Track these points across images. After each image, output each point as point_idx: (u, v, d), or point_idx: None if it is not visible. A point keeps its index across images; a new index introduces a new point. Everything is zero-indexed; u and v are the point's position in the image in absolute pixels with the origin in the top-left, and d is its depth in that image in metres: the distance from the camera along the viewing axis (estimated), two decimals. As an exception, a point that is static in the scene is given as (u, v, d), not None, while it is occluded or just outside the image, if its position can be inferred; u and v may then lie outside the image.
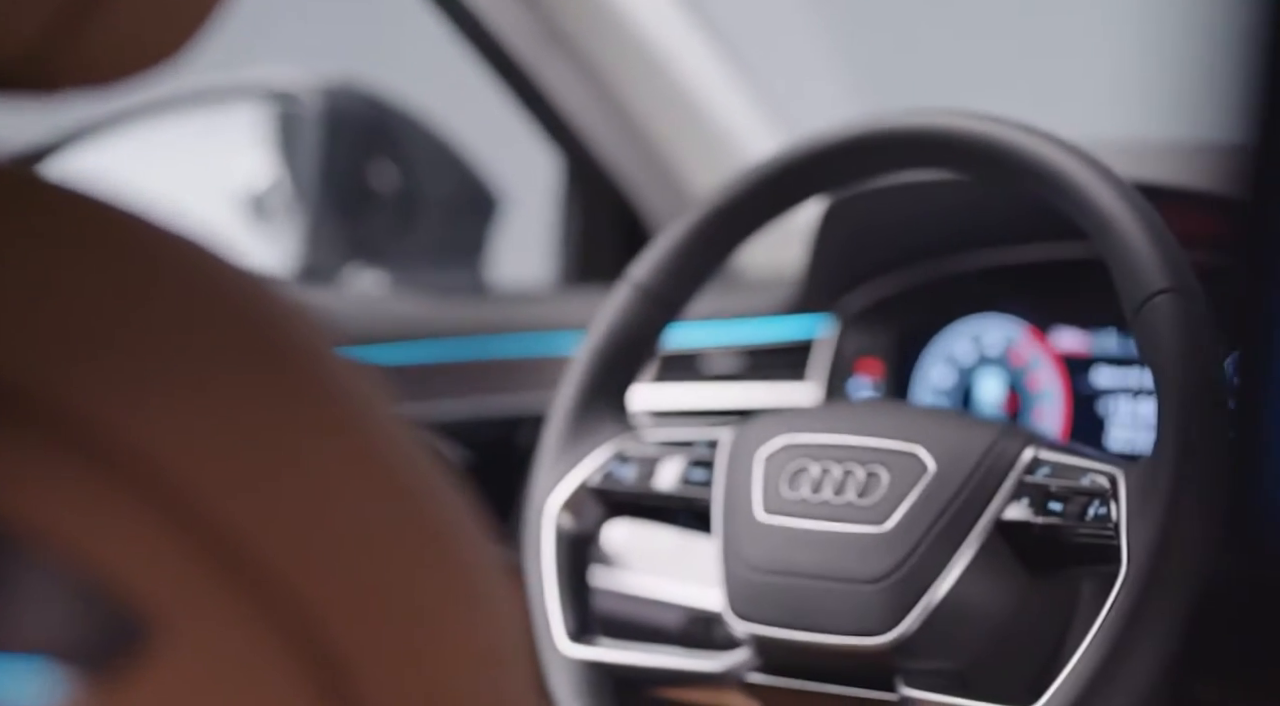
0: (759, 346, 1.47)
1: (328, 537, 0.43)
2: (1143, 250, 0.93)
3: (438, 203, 1.80)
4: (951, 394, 1.38)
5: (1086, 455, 0.96)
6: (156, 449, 0.41)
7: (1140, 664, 0.87)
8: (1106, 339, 1.30)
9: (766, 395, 1.46)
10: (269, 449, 0.43)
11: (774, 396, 1.45)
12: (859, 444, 1.03)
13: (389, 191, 1.78)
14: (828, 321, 1.42)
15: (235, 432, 0.43)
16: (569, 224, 1.78)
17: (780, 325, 1.46)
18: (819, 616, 1.00)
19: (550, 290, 1.81)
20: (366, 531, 0.44)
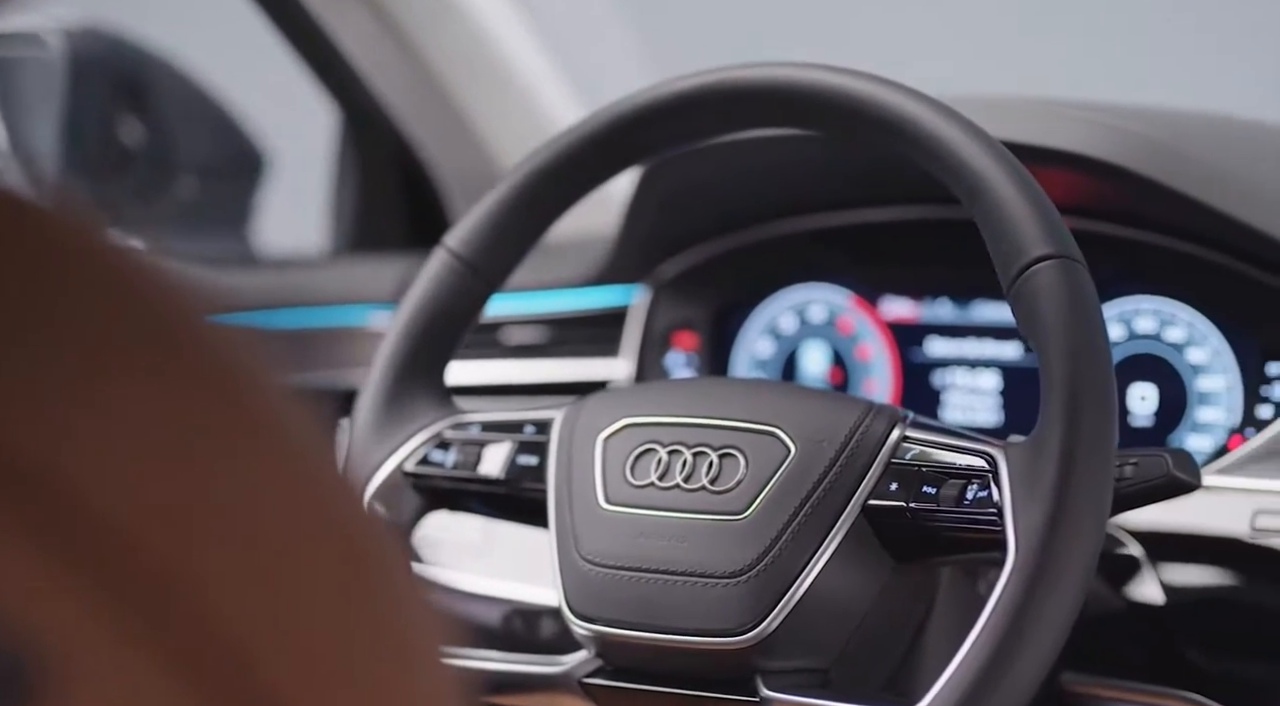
0: (564, 317, 1.40)
1: (255, 570, 0.39)
2: (1020, 215, 0.89)
3: (196, 162, 1.68)
4: (772, 366, 1.34)
5: (961, 434, 0.92)
6: (56, 470, 0.33)
7: (1031, 656, 0.83)
8: (939, 307, 1.27)
9: (573, 371, 1.39)
10: (183, 468, 0.37)
11: (582, 372, 1.39)
12: (711, 424, 0.97)
13: (140, 148, 1.65)
14: (640, 291, 1.36)
15: (148, 453, 0.36)
16: (347, 187, 1.67)
17: (588, 295, 1.39)
18: (670, 615, 0.94)
19: (327, 259, 1.71)
20: (296, 562, 0.40)
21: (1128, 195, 1.11)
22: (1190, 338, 1.16)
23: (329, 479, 0.43)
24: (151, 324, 0.39)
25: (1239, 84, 2.12)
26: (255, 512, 0.39)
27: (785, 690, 0.92)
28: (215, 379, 0.39)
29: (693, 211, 1.32)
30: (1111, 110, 1.15)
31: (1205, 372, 1.16)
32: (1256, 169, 1.12)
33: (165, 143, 1.67)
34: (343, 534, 0.43)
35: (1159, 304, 1.17)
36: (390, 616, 0.43)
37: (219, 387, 0.38)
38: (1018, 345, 1.23)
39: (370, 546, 0.44)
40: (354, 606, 0.41)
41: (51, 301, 0.38)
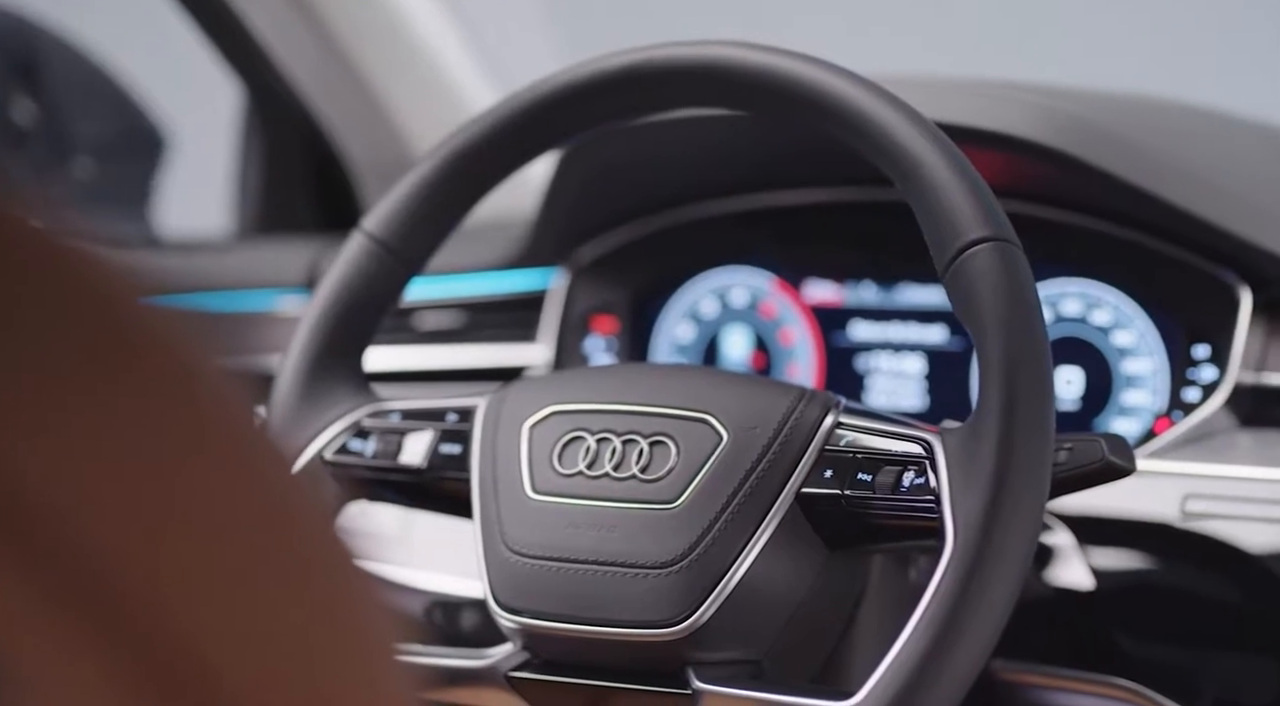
0: (480, 302, 1.39)
1: (209, 573, 0.38)
2: (956, 197, 0.88)
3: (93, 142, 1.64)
4: (693, 351, 1.33)
5: (896, 420, 0.91)
6: (19, 484, 0.32)
7: (970, 645, 0.82)
8: (863, 291, 1.26)
9: (490, 356, 1.38)
10: (148, 479, 0.35)
11: (498, 358, 1.37)
12: (641, 411, 0.95)
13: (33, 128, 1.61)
14: (558, 275, 1.34)
15: (99, 455, 0.34)
16: (252, 168, 1.64)
17: (504, 279, 1.37)
18: (600, 606, 0.93)
19: (232, 242, 1.67)
20: (250, 564, 0.39)
21: (1056, 176, 1.11)
22: (1117, 320, 1.17)
23: (281, 477, 0.42)
24: (92, 315, 0.37)
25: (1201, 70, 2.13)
26: (208, 514, 0.38)
27: (717, 682, 0.91)
28: (161, 374, 0.37)
29: (613, 193, 1.30)
30: (1042, 91, 1.15)
31: (1131, 355, 1.16)
32: (1188, 151, 1.13)
33: (60, 122, 1.63)
34: (296, 533, 0.42)
35: (1085, 286, 1.17)
36: (345, 615, 0.42)
37: (165, 383, 0.37)
38: (943, 328, 1.23)
39: (323, 544, 0.43)
40: (309, 606, 0.40)
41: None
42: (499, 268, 1.37)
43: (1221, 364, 1.10)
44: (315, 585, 0.41)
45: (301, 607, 0.40)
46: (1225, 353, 1.10)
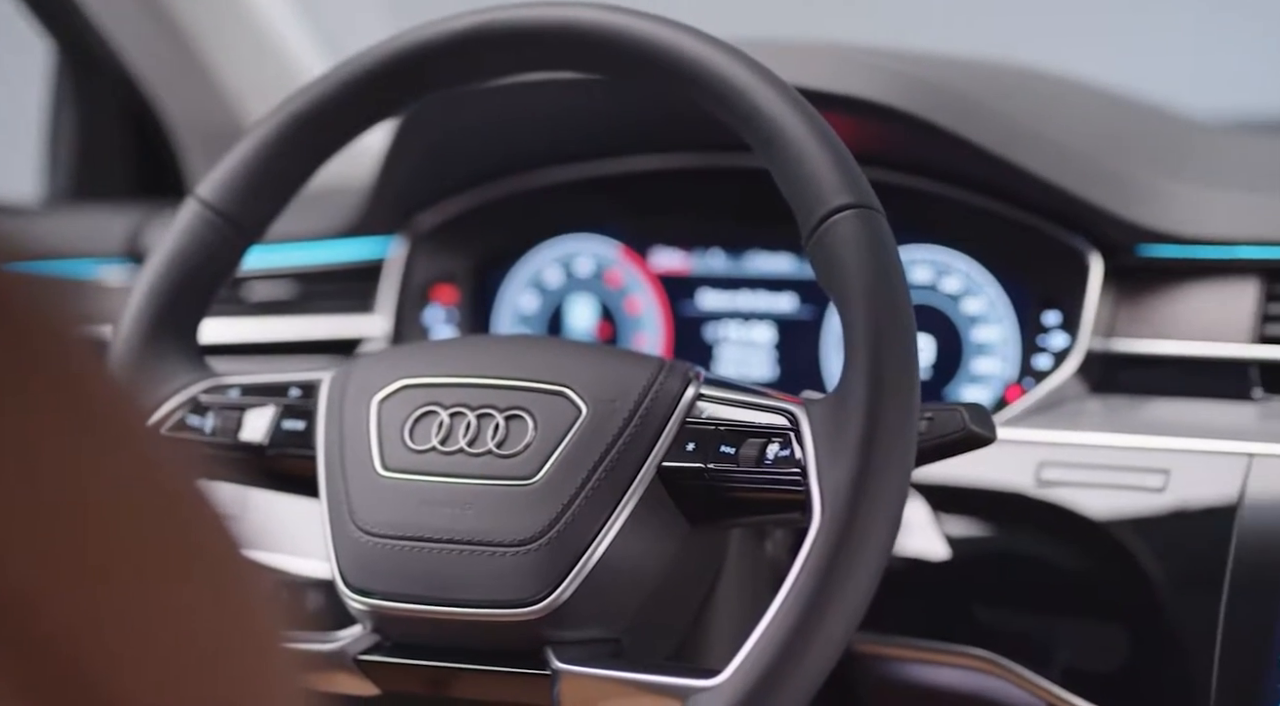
0: (314, 271, 1.35)
1: (93, 575, 0.36)
2: (819, 163, 0.87)
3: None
4: (536, 321, 1.31)
5: (758, 391, 0.91)
6: None
7: (840, 618, 0.82)
8: (711, 259, 1.26)
9: (326, 328, 1.34)
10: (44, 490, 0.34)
11: (335, 329, 1.34)
12: (497, 384, 0.93)
13: None
14: (396, 243, 1.32)
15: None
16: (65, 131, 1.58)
17: (340, 248, 1.34)
18: (455, 586, 0.91)
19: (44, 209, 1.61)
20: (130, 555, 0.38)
21: (908, 141, 1.12)
22: (967, 288, 1.17)
23: (162, 465, 0.40)
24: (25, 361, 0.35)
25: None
26: (85, 507, 0.36)
27: (577, 661, 0.90)
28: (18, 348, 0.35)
29: (453, 159, 1.28)
30: (894, 55, 1.15)
31: (982, 323, 1.17)
32: (1039, 116, 1.14)
33: None
34: (178, 522, 0.40)
35: (935, 253, 1.18)
36: (231, 602, 0.41)
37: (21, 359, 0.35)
38: (792, 297, 1.23)
39: (207, 533, 0.41)
40: (193, 595, 0.39)
41: None
42: (334, 236, 1.33)
43: (1072, 331, 1.12)
44: (200, 573, 0.40)
45: (186, 594, 0.39)
46: (1076, 319, 1.11)
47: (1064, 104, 1.20)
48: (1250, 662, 0.95)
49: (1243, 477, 0.99)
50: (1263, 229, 1.08)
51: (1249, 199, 1.09)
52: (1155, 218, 1.09)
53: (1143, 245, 1.10)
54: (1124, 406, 1.09)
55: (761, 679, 0.82)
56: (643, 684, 0.87)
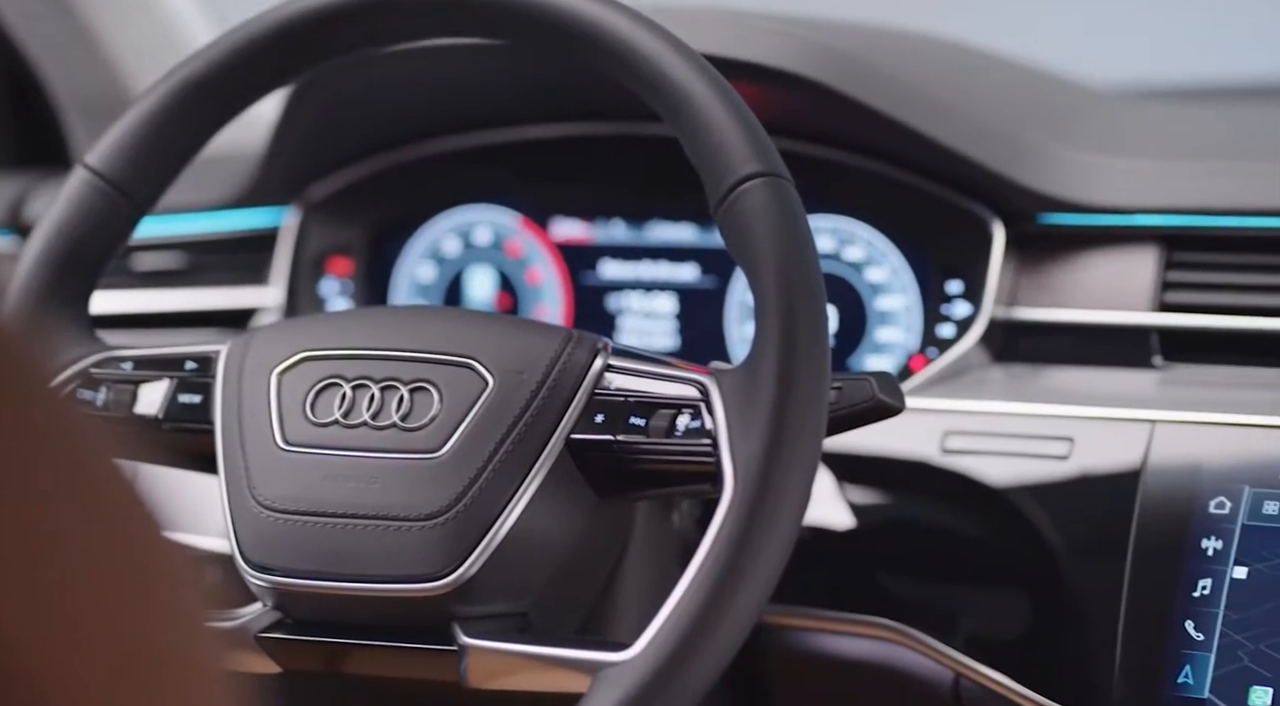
0: (204, 241, 1.33)
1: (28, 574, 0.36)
2: (727, 131, 0.87)
3: None
4: (434, 292, 1.30)
5: (667, 362, 0.90)
6: None
7: (752, 590, 0.82)
8: (612, 229, 1.25)
9: (217, 300, 1.32)
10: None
11: (226, 301, 1.32)
12: (401, 356, 0.92)
13: None
14: (289, 213, 1.30)
15: None
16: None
17: (231, 218, 1.32)
18: (359, 562, 0.90)
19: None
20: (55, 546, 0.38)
21: (810, 108, 1.12)
22: (869, 257, 1.18)
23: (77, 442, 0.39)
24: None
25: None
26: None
27: (485, 636, 0.89)
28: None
29: (347, 127, 1.26)
30: (796, 22, 1.15)
31: (885, 292, 1.18)
32: (941, 84, 1.14)
33: None
34: (96, 502, 0.39)
35: (837, 222, 1.18)
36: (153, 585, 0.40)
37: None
38: (694, 267, 1.23)
39: (125, 513, 0.41)
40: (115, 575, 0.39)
41: None
42: (224, 205, 1.31)
43: (975, 299, 1.12)
44: (120, 552, 0.39)
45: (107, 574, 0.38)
46: (979, 288, 1.12)
47: (966, 72, 1.21)
48: (1154, 628, 0.96)
49: (1145, 444, 1.00)
50: (1162, 196, 1.09)
51: (1148, 166, 1.11)
52: (1056, 185, 1.10)
53: (1044, 213, 1.11)
54: (1027, 375, 1.10)
55: (673, 652, 0.82)
56: (552, 658, 0.87)
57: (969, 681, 1.04)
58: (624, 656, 0.83)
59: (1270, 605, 0.94)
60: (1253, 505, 0.96)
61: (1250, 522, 0.96)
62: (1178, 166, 1.10)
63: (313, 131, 1.25)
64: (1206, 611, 0.95)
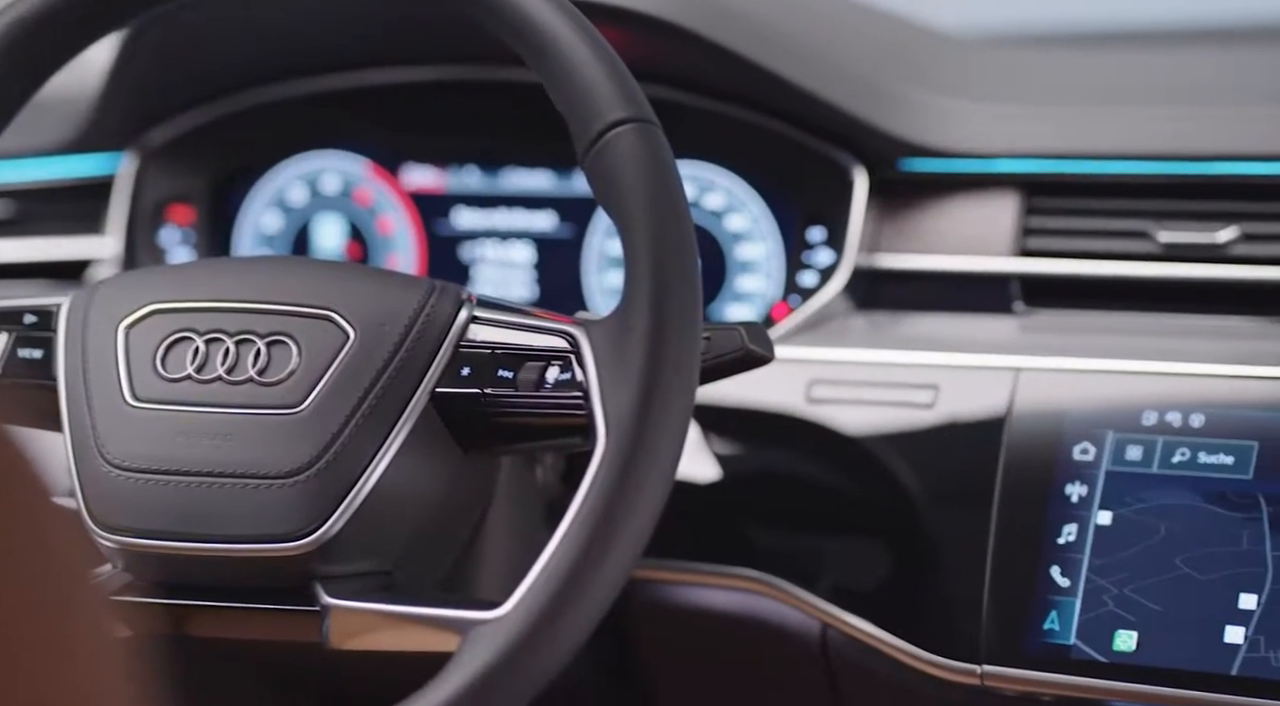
0: (35, 189, 1.28)
1: None
2: (594, 77, 0.85)
3: None
4: (280, 241, 1.27)
5: (535, 313, 0.89)
6: None
7: (628, 543, 0.81)
8: (466, 176, 1.23)
9: (49, 250, 1.28)
10: None
11: (60, 251, 1.28)
12: (256, 308, 0.90)
13: None
14: (125, 160, 1.26)
15: None
16: None
17: (63, 164, 1.28)
18: (216, 522, 0.87)
19: None
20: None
21: (673, 53, 1.11)
22: (730, 204, 1.17)
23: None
24: None
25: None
26: None
27: (348, 596, 0.88)
28: None
29: (187, 69, 1.23)
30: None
31: (745, 240, 1.17)
32: (803, 28, 1.14)
33: None
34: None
35: (697, 169, 1.18)
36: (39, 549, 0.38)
37: None
38: (551, 215, 1.22)
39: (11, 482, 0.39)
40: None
41: None
42: (57, 151, 1.27)
43: (837, 247, 1.13)
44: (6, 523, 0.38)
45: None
46: (841, 235, 1.12)
47: (827, 18, 1.21)
48: (1020, 575, 0.97)
49: (1010, 391, 1.01)
50: (1021, 141, 1.10)
51: (1007, 111, 1.12)
52: (917, 131, 1.11)
53: (905, 159, 1.11)
54: (890, 322, 1.11)
55: (546, 608, 0.81)
56: (420, 617, 0.86)
57: (836, 631, 1.05)
58: (496, 614, 0.82)
59: (1134, 549, 0.96)
60: (1116, 450, 0.98)
61: (1114, 468, 0.97)
62: (1037, 111, 1.11)
63: (150, 74, 1.22)
64: (1072, 557, 0.97)
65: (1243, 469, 0.95)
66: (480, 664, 0.81)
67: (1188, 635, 0.93)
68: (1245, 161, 1.05)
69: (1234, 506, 0.95)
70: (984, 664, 0.98)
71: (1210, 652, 0.93)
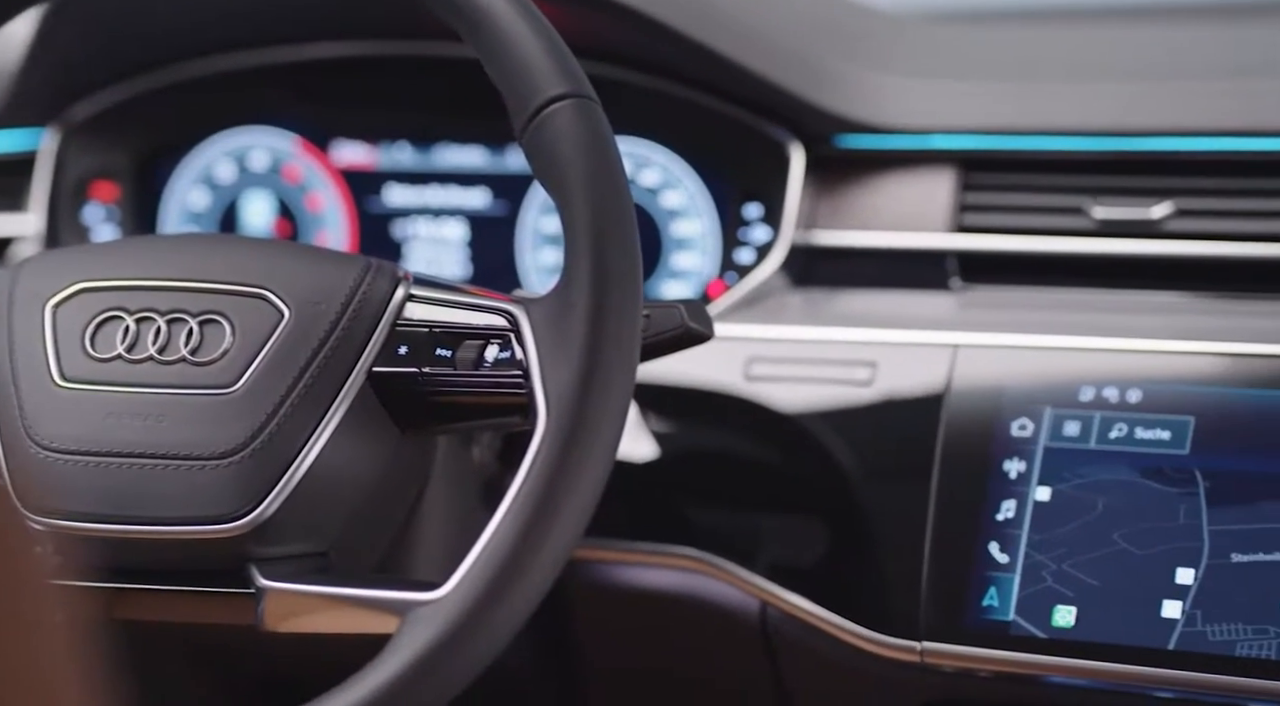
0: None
1: None
2: (532, 52, 0.85)
3: None
4: (207, 219, 1.26)
5: (472, 292, 0.88)
6: None
7: (569, 522, 0.81)
8: (398, 153, 1.22)
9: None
10: None
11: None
12: (188, 287, 0.89)
13: None
14: (47, 135, 1.24)
15: None
16: None
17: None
18: (148, 504, 0.86)
19: None
20: None
21: (608, 28, 1.10)
22: (666, 181, 1.17)
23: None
24: None
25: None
26: None
27: (283, 578, 0.87)
28: None
29: (111, 43, 1.21)
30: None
31: (681, 217, 1.17)
32: (743, 7, 1.14)
33: None
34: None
35: (633, 146, 1.17)
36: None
37: None
38: (484, 192, 1.21)
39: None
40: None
41: None
42: None
43: (774, 224, 1.13)
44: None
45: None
46: (778, 212, 1.12)
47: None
48: (959, 551, 0.98)
49: (948, 368, 1.01)
50: (958, 117, 1.10)
51: (944, 87, 1.12)
52: (854, 107, 1.11)
53: (842, 135, 1.11)
54: (828, 300, 1.11)
55: (487, 589, 0.81)
56: (358, 599, 0.85)
57: (776, 609, 1.05)
58: (435, 595, 0.82)
59: (1072, 525, 0.97)
60: (1054, 426, 0.98)
61: (1052, 444, 0.98)
62: (974, 88, 1.12)
63: (73, 48, 1.20)
64: (1010, 533, 0.97)
65: (1179, 444, 0.96)
66: (420, 646, 0.80)
67: (1126, 610, 0.94)
68: (1180, 137, 1.06)
69: (1171, 481, 0.96)
70: (923, 640, 0.98)
71: (1148, 627, 0.94)
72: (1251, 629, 0.92)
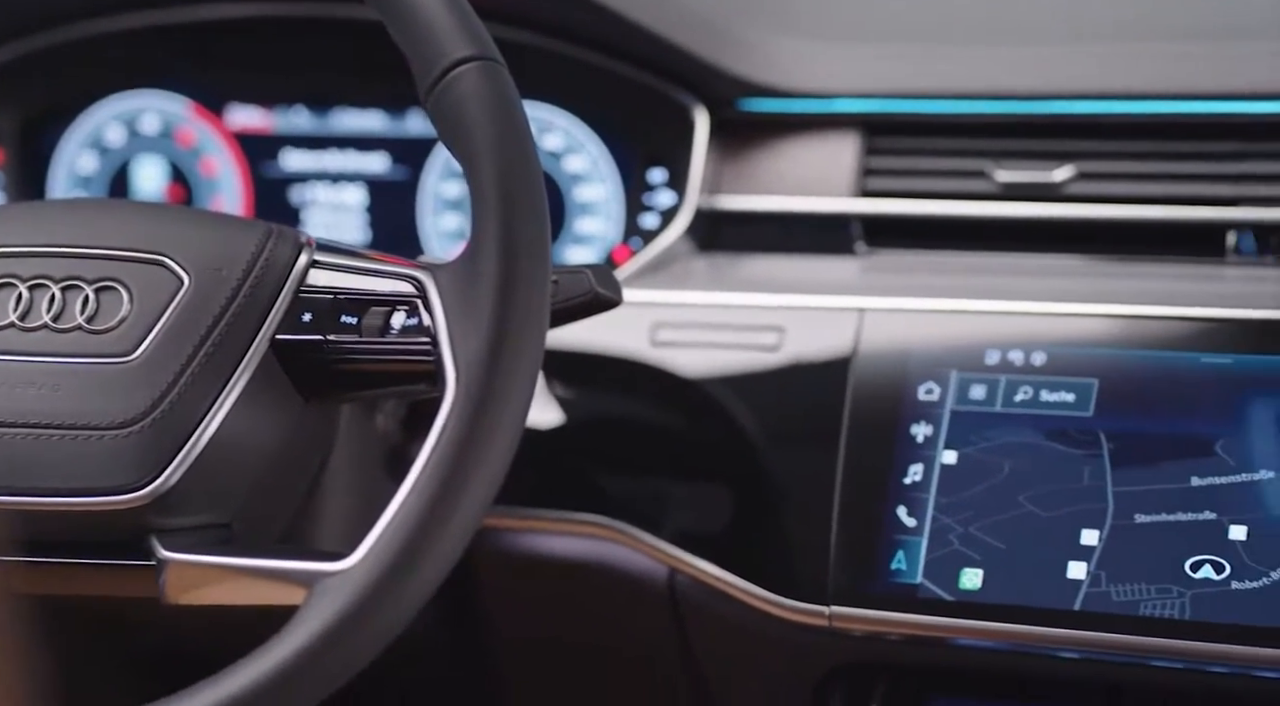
0: None
1: None
2: (436, 12, 0.84)
3: None
4: (96, 183, 1.24)
5: (377, 258, 0.88)
6: None
7: (480, 490, 0.80)
8: (295, 116, 1.21)
9: None
10: None
11: None
12: (82, 253, 0.87)
13: None
14: (-71, 99, 1.22)
15: None
16: None
17: None
18: (43, 474, 0.85)
19: None
20: None
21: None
22: (569, 145, 1.17)
23: None
24: None
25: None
26: None
27: (186, 549, 0.86)
28: None
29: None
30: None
31: (585, 182, 1.17)
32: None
33: None
34: None
35: (536, 109, 1.17)
36: None
37: None
38: (384, 157, 1.20)
39: None
40: None
41: None
42: None
43: (679, 188, 1.13)
44: None
45: None
46: (682, 177, 1.12)
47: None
48: (867, 515, 0.99)
49: (855, 332, 1.02)
50: (861, 81, 1.11)
51: (847, 50, 1.12)
52: (757, 70, 1.11)
53: (745, 99, 1.12)
54: (733, 264, 1.11)
55: (396, 559, 0.80)
56: (264, 570, 0.84)
57: (684, 575, 1.05)
58: (343, 565, 0.81)
59: (979, 488, 0.98)
60: (960, 390, 0.99)
61: (958, 407, 0.99)
62: (877, 50, 1.12)
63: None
64: (918, 497, 0.98)
65: (1083, 406, 0.97)
66: (329, 617, 0.79)
67: (1032, 571, 0.96)
68: (1080, 100, 1.07)
69: (1075, 443, 0.97)
70: (831, 605, 0.99)
71: (1053, 588, 0.95)
72: (1155, 588, 0.93)
